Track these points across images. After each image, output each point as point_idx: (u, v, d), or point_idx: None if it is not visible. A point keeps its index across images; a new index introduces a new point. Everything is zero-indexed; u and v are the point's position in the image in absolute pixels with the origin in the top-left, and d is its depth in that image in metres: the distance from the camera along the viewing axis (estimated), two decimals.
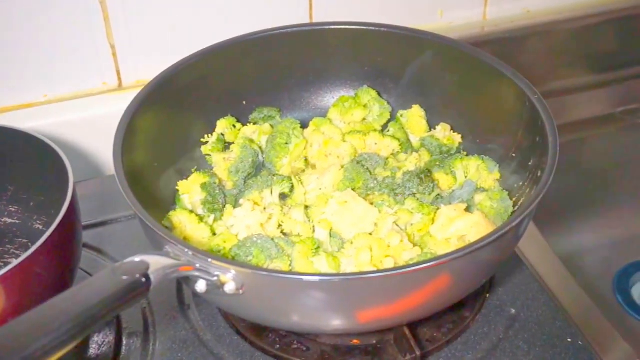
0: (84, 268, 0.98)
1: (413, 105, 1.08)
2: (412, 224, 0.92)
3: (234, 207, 0.96)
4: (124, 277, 0.65)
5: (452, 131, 1.07)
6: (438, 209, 0.92)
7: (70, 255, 0.88)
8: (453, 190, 0.98)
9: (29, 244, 1.00)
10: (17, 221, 1.01)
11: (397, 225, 0.92)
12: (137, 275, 0.65)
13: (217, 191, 0.97)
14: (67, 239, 0.86)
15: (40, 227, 1.00)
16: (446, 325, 0.91)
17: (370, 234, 0.90)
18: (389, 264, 0.85)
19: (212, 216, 0.95)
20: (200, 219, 0.94)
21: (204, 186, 0.96)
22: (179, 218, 0.93)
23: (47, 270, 0.82)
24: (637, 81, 1.44)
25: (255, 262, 0.86)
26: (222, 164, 1.02)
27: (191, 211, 0.95)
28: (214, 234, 0.93)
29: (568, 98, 1.40)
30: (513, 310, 0.94)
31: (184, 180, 0.99)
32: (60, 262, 0.85)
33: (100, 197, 1.11)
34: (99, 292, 0.63)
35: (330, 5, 1.23)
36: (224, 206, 0.97)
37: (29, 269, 0.78)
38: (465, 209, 0.92)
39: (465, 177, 0.99)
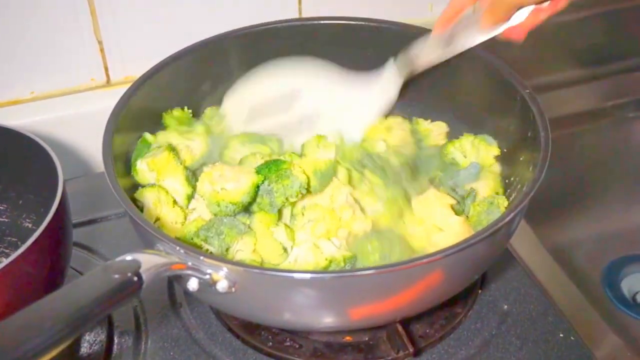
0: (75, 267, 0.98)
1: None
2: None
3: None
4: (116, 276, 0.64)
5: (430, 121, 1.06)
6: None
7: (60, 254, 0.87)
8: (459, 172, 0.98)
9: (19, 242, 0.99)
10: (6, 220, 1.00)
11: (353, 197, 0.92)
12: (129, 274, 0.65)
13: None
14: (57, 237, 0.85)
15: (30, 225, 0.99)
16: (439, 321, 0.91)
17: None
18: (343, 234, 0.86)
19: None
20: (174, 201, 0.91)
21: (188, 180, 0.93)
22: (155, 196, 0.91)
23: (37, 270, 0.81)
24: (627, 75, 1.44)
25: (228, 241, 0.85)
26: (185, 151, 0.97)
27: (167, 191, 0.91)
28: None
29: (558, 92, 1.39)
30: (505, 306, 0.94)
31: (156, 158, 0.92)
32: (50, 261, 0.84)
33: (90, 195, 1.10)
34: (90, 292, 0.62)
35: (320, 0, 1.22)
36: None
37: (18, 268, 0.77)
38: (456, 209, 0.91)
39: (465, 156, 0.99)
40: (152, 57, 0.98)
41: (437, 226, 0.88)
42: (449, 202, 0.91)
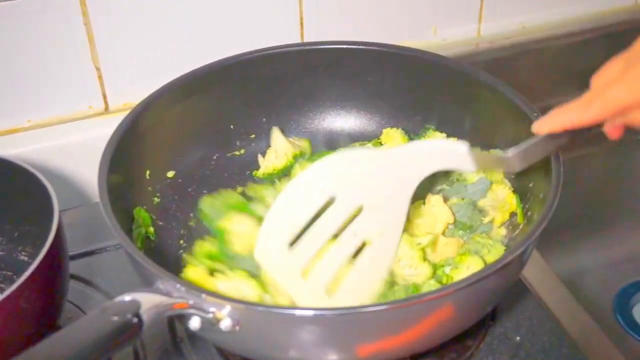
0: (72, 300, 0.95)
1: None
2: None
3: None
4: (114, 318, 0.61)
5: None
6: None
7: (57, 287, 0.85)
8: (466, 186, 0.97)
9: (14, 276, 0.96)
10: (1, 252, 0.98)
11: None
12: (128, 316, 0.62)
13: None
14: (54, 270, 0.83)
15: (26, 258, 0.96)
16: (449, 355, 0.88)
17: None
18: None
19: None
20: None
21: None
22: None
23: (32, 305, 0.79)
24: None
25: None
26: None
27: None
28: None
29: None
30: (517, 338, 0.91)
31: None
32: (46, 296, 0.82)
33: (87, 226, 1.08)
34: (87, 336, 0.60)
35: (322, 24, 1.21)
36: None
37: (14, 303, 0.75)
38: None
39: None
40: (151, 84, 0.97)
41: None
42: (447, 219, 0.89)
